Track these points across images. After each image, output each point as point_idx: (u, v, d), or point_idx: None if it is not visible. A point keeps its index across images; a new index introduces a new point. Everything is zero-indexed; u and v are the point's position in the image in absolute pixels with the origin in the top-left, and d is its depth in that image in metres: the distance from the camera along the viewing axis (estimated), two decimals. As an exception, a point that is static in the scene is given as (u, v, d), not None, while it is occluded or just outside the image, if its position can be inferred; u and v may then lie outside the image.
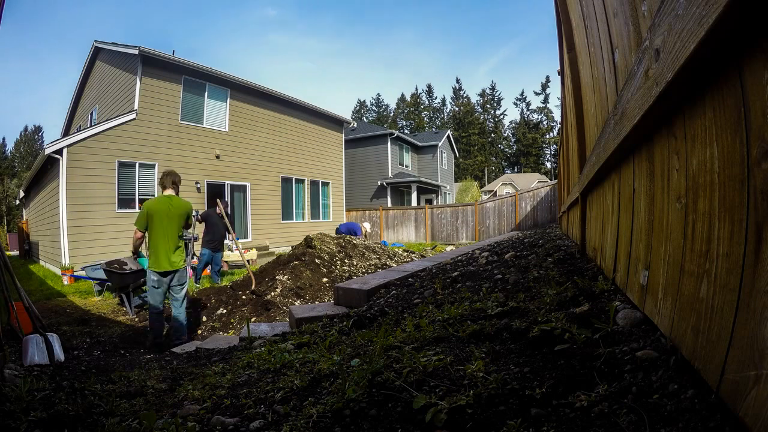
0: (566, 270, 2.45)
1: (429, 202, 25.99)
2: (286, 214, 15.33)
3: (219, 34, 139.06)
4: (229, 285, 6.25)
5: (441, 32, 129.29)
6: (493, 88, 71.87)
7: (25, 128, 65.34)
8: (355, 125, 22.49)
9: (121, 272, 5.75)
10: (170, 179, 4.29)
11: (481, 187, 53.27)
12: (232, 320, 5.03)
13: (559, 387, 1.01)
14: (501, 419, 0.93)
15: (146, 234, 4.11)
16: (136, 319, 5.42)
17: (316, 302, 5.13)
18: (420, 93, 77.80)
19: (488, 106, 71.51)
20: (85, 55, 14.38)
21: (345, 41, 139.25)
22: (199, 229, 7.80)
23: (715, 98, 0.72)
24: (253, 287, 5.75)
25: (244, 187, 13.67)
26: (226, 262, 9.94)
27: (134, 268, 5.87)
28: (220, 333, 4.73)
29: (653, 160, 1.12)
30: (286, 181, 15.30)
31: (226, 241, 11.53)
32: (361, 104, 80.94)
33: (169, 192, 4.26)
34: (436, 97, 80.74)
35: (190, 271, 8.78)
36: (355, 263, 6.96)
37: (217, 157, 12.71)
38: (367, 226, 13.87)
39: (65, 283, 8.30)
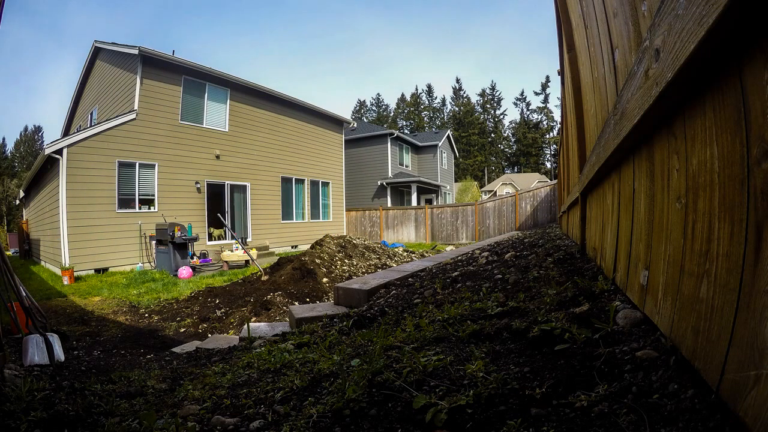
0: (566, 270, 2.45)
1: (429, 202, 25.98)
2: (286, 214, 15.33)
3: (219, 34, 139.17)
4: (228, 285, 6.25)
5: (442, 31, 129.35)
6: (493, 88, 71.85)
7: (25, 128, 65.37)
8: (355, 125, 22.47)
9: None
10: None
11: (481, 187, 53.26)
12: (231, 320, 5.03)
13: (559, 387, 1.01)
14: (501, 419, 0.93)
15: None
16: (136, 318, 5.42)
17: (317, 302, 5.13)
18: (420, 93, 77.81)
19: (488, 106, 71.45)
20: (85, 55, 14.39)
21: (345, 40, 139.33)
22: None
23: (715, 98, 0.72)
24: (263, 278, 5.79)
25: (244, 187, 13.67)
26: (226, 262, 9.97)
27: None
28: (220, 333, 4.73)
29: (653, 160, 1.12)
30: (286, 181, 15.29)
31: (227, 241, 11.72)
32: (361, 104, 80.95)
33: None
34: (436, 97, 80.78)
35: (189, 271, 8.83)
36: (355, 263, 6.96)
37: (217, 157, 12.70)
38: None
39: (65, 283, 8.29)
